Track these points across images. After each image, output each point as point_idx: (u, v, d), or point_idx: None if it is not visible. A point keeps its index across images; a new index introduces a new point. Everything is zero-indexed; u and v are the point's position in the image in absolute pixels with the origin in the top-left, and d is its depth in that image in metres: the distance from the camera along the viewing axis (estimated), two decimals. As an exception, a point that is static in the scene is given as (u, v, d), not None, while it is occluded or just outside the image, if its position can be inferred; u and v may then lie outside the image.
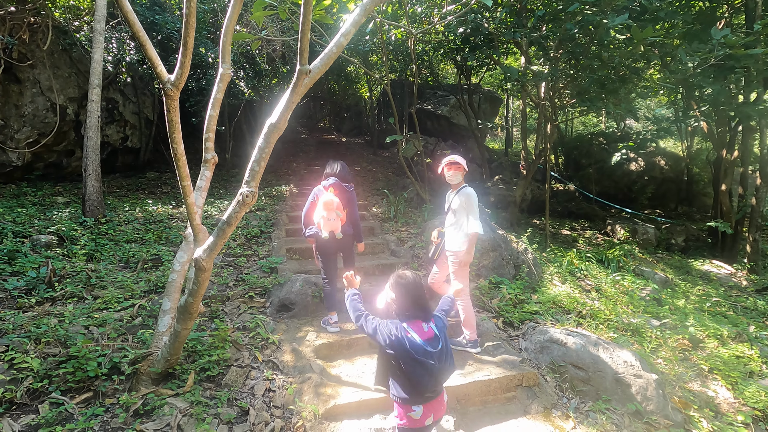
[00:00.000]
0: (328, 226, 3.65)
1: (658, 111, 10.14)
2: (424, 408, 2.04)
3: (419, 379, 1.97)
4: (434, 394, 2.07)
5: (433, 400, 2.08)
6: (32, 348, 2.97)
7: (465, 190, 3.58)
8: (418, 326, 2.04)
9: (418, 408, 2.03)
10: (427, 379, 1.98)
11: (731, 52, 5.27)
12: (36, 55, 6.96)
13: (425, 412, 2.04)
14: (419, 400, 2.03)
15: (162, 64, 2.12)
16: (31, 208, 6.02)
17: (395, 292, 2.11)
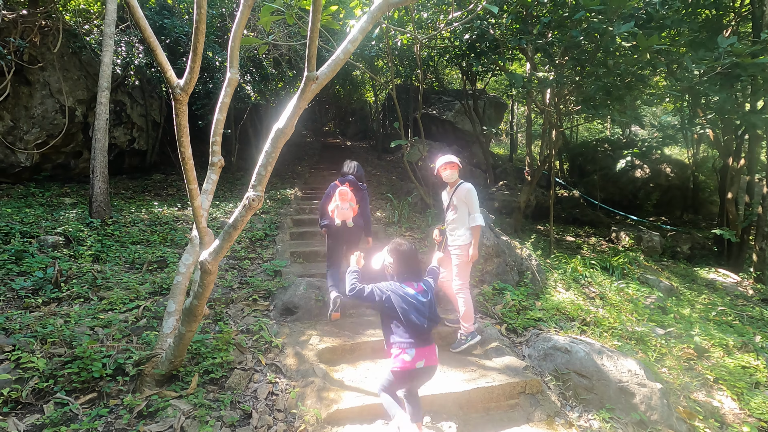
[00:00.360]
0: (341, 215, 3.94)
1: (664, 118, 10.11)
2: (417, 351, 2.31)
3: (414, 322, 2.29)
4: (425, 342, 2.35)
5: (425, 347, 2.34)
6: (38, 348, 2.99)
7: (464, 186, 3.73)
8: (410, 285, 2.40)
9: (411, 351, 2.30)
10: (419, 322, 2.30)
11: (738, 61, 5.26)
12: (46, 57, 7.06)
13: (417, 356, 2.31)
14: (413, 344, 2.31)
15: (171, 68, 2.15)
16: (38, 209, 6.08)
17: (392, 257, 2.44)
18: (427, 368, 2.36)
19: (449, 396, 2.94)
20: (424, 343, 2.34)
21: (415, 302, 2.33)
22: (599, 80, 6.14)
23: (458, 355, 3.62)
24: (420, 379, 2.42)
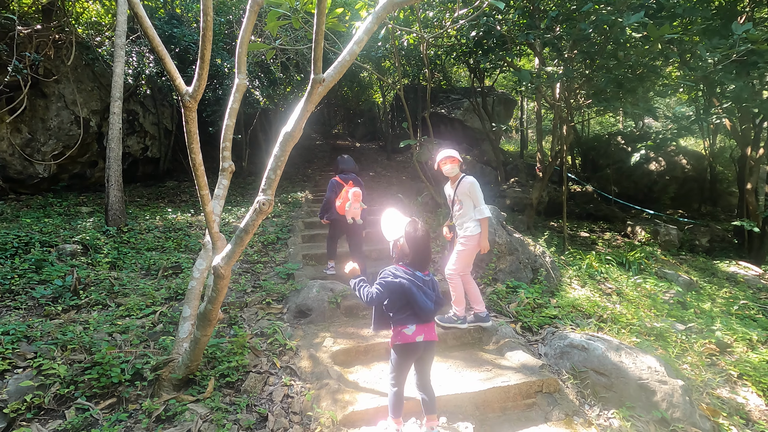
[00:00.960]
0: (353, 213, 4.45)
1: (678, 109, 9.90)
2: (417, 327, 2.40)
3: (421, 303, 2.35)
4: (427, 319, 2.44)
5: (426, 324, 2.44)
6: (59, 354, 3.05)
7: (466, 179, 3.80)
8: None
9: (412, 326, 2.40)
10: (425, 304, 2.36)
11: (754, 47, 5.12)
12: (60, 70, 7.22)
13: (417, 331, 2.40)
14: (415, 321, 2.40)
15: (180, 76, 2.18)
16: (56, 218, 6.22)
17: (406, 239, 2.45)
18: (426, 342, 2.45)
19: (465, 396, 2.92)
20: (425, 321, 2.44)
21: (424, 286, 2.41)
22: (610, 73, 6.03)
23: (473, 354, 3.59)
24: (422, 356, 2.49)
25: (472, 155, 11.92)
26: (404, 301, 2.39)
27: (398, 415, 2.56)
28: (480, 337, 3.85)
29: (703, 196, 11.11)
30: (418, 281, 2.40)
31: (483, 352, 3.62)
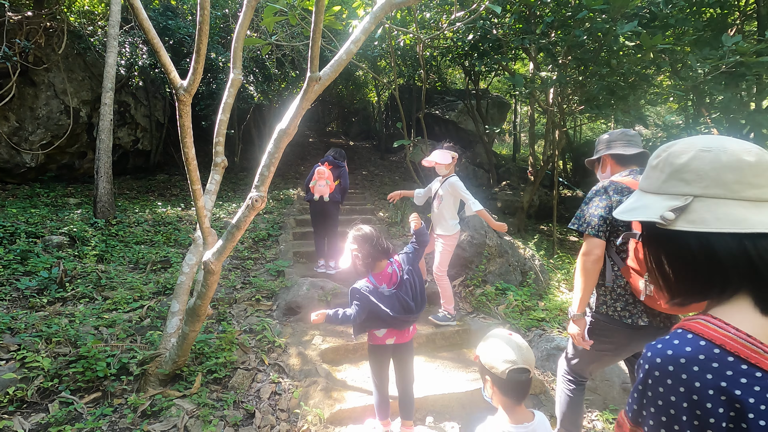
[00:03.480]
0: (318, 191, 4.85)
1: (668, 118, 10.06)
2: (387, 331, 2.37)
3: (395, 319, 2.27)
4: (407, 324, 2.38)
5: (399, 330, 2.38)
6: (43, 347, 3.01)
7: (450, 180, 3.88)
8: (384, 274, 2.33)
9: (383, 329, 2.37)
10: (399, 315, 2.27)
11: (742, 60, 5.23)
12: (51, 58, 7.10)
13: (387, 334, 2.38)
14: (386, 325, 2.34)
15: (175, 69, 2.16)
16: (43, 209, 6.12)
17: (356, 244, 2.32)
18: (397, 345, 2.43)
19: (452, 396, 2.94)
20: (405, 326, 2.37)
21: (394, 299, 2.28)
22: (603, 80, 6.11)
23: (461, 355, 3.62)
24: (399, 358, 2.48)
25: (465, 157, 11.98)
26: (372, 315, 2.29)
27: (385, 416, 2.55)
28: (468, 338, 3.88)
29: (690, 204, 11.29)
30: (386, 298, 2.26)
31: (471, 353, 3.65)
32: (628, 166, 2.08)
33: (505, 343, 1.51)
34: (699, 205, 0.72)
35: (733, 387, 0.63)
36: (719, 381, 0.63)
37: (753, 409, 0.61)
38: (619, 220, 1.84)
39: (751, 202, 0.70)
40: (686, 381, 0.65)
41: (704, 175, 0.73)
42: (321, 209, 5.00)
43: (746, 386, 0.62)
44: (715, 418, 0.63)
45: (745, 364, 0.63)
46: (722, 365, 0.64)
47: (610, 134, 2.21)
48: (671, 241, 0.76)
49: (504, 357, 1.48)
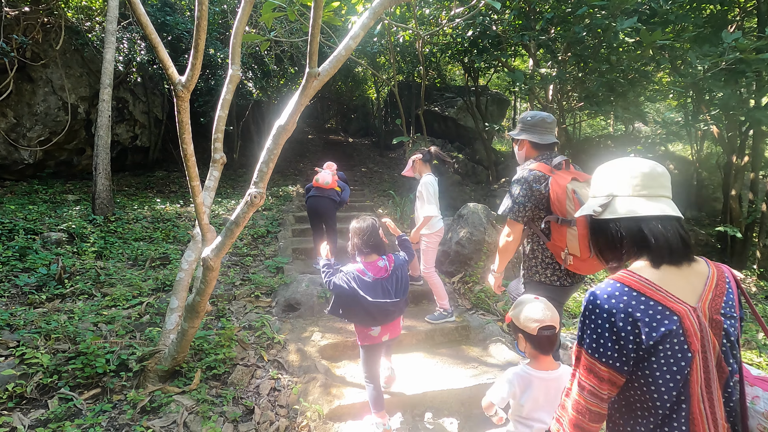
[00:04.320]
0: (322, 177, 4.92)
1: (668, 114, 10.05)
2: (382, 328, 2.47)
3: (377, 307, 2.36)
4: (389, 319, 2.46)
5: (389, 324, 2.48)
6: (42, 344, 3.01)
7: (422, 180, 3.99)
8: (374, 265, 2.42)
9: (377, 328, 2.46)
10: (377, 312, 2.37)
11: (742, 56, 5.22)
12: (49, 54, 7.06)
13: (382, 332, 2.48)
14: (375, 323, 2.43)
15: (173, 65, 2.15)
16: (42, 206, 6.11)
17: (353, 233, 2.47)
18: (392, 340, 2.62)
19: (451, 392, 2.95)
20: (389, 320, 2.47)
21: (375, 293, 2.36)
22: (602, 76, 6.10)
23: (460, 351, 3.63)
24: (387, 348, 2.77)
25: (464, 154, 11.97)
26: (355, 305, 2.36)
27: (380, 408, 2.59)
28: (467, 335, 3.89)
29: (689, 200, 11.31)
30: (370, 287, 2.36)
31: (470, 350, 3.66)
32: (540, 152, 2.41)
33: (534, 306, 1.82)
34: (615, 202, 1.14)
35: (634, 310, 1.01)
36: (627, 308, 1.02)
37: (641, 320, 1.01)
38: (540, 206, 2.26)
39: (646, 198, 1.11)
40: (607, 309, 1.03)
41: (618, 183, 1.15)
42: (318, 208, 5.00)
43: (639, 308, 1.02)
44: (624, 332, 1.01)
45: (642, 296, 1.03)
46: (629, 297, 1.03)
47: (532, 118, 2.43)
48: (600, 226, 1.18)
49: (534, 317, 1.77)
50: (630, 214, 1.10)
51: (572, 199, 2.12)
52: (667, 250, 1.07)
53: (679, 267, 1.08)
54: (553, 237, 2.24)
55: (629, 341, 1.01)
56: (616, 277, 1.08)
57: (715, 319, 1.05)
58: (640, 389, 1.04)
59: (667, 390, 1.01)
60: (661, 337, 1.00)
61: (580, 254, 2.12)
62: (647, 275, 1.06)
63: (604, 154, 11.47)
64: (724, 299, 1.09)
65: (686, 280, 1.08)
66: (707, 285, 1.09)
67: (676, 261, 1.08)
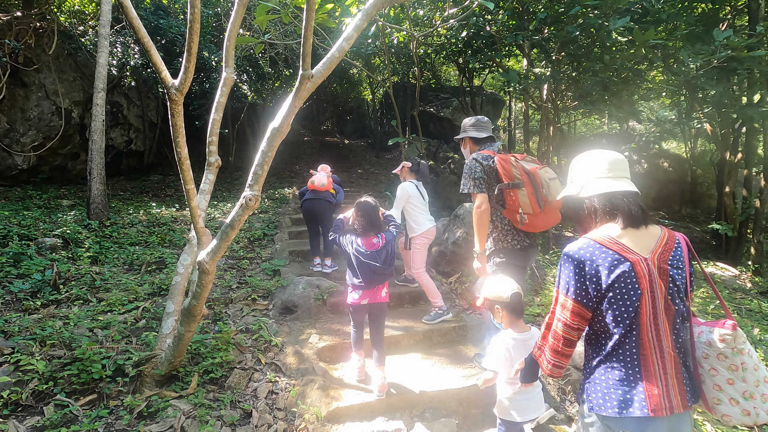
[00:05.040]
0: (318, 179, 4.96)
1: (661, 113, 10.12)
2: (363, 293, 2.91)
3: (364, 273, 2.85)
4: (371, 285, 2.89)
5: (370, 290, 2.90)
6: (37, 350, 2.99)
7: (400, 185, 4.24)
8: (368, 240, 2.89)
9: (359, 291, 2.91)
10: (370, 275, 2.85)
11: (734, 54, 5.26)
12: (41, 59, 7.03)
13: (362, 296, 2.91)
14: (360, 287, 2.89)
15: (166, 68, 2.15)
16: (36, 211, 6.07)
17: (355, 212, 2.95)
18: (372, 305, 2.94)
19: (449, 392, 2.95)
20: (370, 286, 2.89)
21: (365, 258, 2.84)
22: (596, 76, 6.14)
23: (458, 352, 3.63)
24: (373, 315, 3.00)
25: (459, 154, 12.00)
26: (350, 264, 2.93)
27: (359, 348, 3.08)
28: (465, 335, 3.89)
29: (684, 198, 11.38)
30: (362, 255, 2.85)
31: (467, 350, 3.66)
32: (480, 145, 2.94)
33: (499, 280, 2.18)
34: (589, 184, 1.50)
35: (596, 258, 1.36)
36: (591, 256, 1.37)
37: (601, 265, 1.36)
38: (492, 178, 2.70)
39: (612, 179, 1.47)
40: (577, 258, 1.39)
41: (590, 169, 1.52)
42: (315, 210, 5.02)
43: (600, 257, 1.36)
44: (588, 275, 1.37)
45: (604, 248, 1.37)
46: (593, 249, 1.38)
47: (470, 120, 3.03)
48: (578, 203, 1.54)
49: (504, 287, 2.11)
50: (601, 191, 1.46)
51: (516, 166, 2.61)
52: (629, 216, 1.42)
53: (638, 229, 1.43)
54: (507, 204, 2.66)
55: (592, 281, 1.36)
56: (587, 235, 1.44)
57: (663, 268, 1.38)
58: (603, 320, 1.38)
59: (622, 319, 1.34)
60: (616, 277, 1.34)
61: (532, 210, 2.58)
62: (611, 234, 1.41)
63: (599, 152, 11.51)
64: (672, 254, 1.41)
65: (642, 239, 1.42)
66: (658, 242, 1.42)
67: (636, 224, 1.42)
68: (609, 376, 1.38)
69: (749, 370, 1.33)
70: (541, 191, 2.58)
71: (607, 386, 1.37)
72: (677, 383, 1.34)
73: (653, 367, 1.33)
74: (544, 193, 2.59)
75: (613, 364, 1.37)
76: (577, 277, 1.38)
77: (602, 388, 1.38)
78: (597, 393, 1.40)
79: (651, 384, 1.32)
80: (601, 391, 1.38)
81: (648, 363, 1.33)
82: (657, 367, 1.33)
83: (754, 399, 1.32)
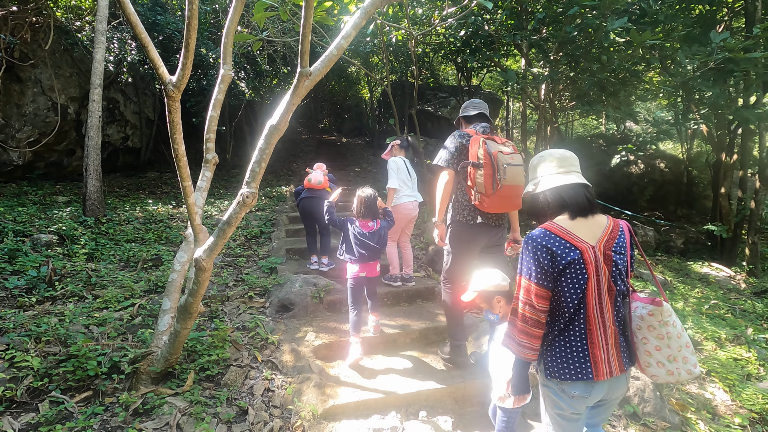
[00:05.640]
0: (314, 177, 5.01)
1: (658, 113, 10.16)
2: (360, 266, 3.32)
3: (358, 250, 3.30)
4: (369, 260, 3.32)
5: (366, 264, 3.32)
6: (32, 347, 2.98)
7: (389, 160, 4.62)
8: (365, 223, 3.34)
9: (356, 265, 3.32)
10: (365, 251, 3.29)
11: (730, 56, 5.29)
12: (37, 54, 6.98)
13: (360, 269, 3.32)
14: (357, 261, 3.31)
15: (164, 65, 2.14)
16: (31, 207, 6.04)
17: (358, 199, 3.37)
18: (368, 278, 3.36)
19: (445, 390, 2.97)
20: (366, 261, 3.31)
21: (362, 237, 3.28)
22: (593, 76, 6.15)
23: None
24: (368, 286, 3.43)
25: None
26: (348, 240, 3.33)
27: (357, 331, 3.31)
28: (461, 333, 3.90)
29: (680, 198, 11.42)
30: (359, 234, 3.29)
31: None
32: (472, 123, 3.21)
33: (489, 273, 2.25)
34: (542, 180, 1.73)
35: (551, 245, 1.59)
36: (547, 244, 1.59)
37: (555, 252, 1.58)
38: (463, 155, 2.95)
39: (561, 174, 1.68)
40: (535, 245, 1.61)
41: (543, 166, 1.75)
42: (312, 209, 5.02)
43: (555, 244, 1.59)
44: (544, 260, 1.59)
45: (557, 236, 1.60)
46: (549, 237, 1.61)
47: (463, 104, 3.33)
48: (535, 197, 1.76)
49: (500, 278, 2.19)
50: (551, 186, 1.69)
51: (481, 147, 2.82)
52: (577, 207, 1.65)
53: (586, 218, 1.65)
54: (468, 179, 2.89)
55: (548, 266, 1.59)
56: (543, 225, 1.67)
57: (607, 254, 1.61)
58: (557, 300, 1.62)
59: (571, 299, 1.59)
60: (568, 263, 1.58)
61: (485, 191, 2.79)
62: (563, 224, 1.64)
63: (597, 153, 11.56)
64: (616, 241, 1.64)
65: (590, 228, 1.64)
66: (604, 231, 1.65)
67: (584, 214, 1.65)
68: (562, 348, 1.63)
69: (673, 338, 1.61)
70: (496, 175, 2.74)
71: (561, 356, 1.63)
72: (616, 351, 1.64)
73: (597, 339, 1.61)
74: (498, 177, 2.73)
75: (565, 337, 1.63)
76: (536, 262, 1.60)
77: (557, 358, 1.64)
78: (553, 362, 1.65)
79: (596, 354, 1.61)
80: (556, 361, 1.64)
81: (593, 336, 1.61)
82: (600, 339, 1.61)
83: (677, 361, 1.62)
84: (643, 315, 1.63)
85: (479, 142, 2.83)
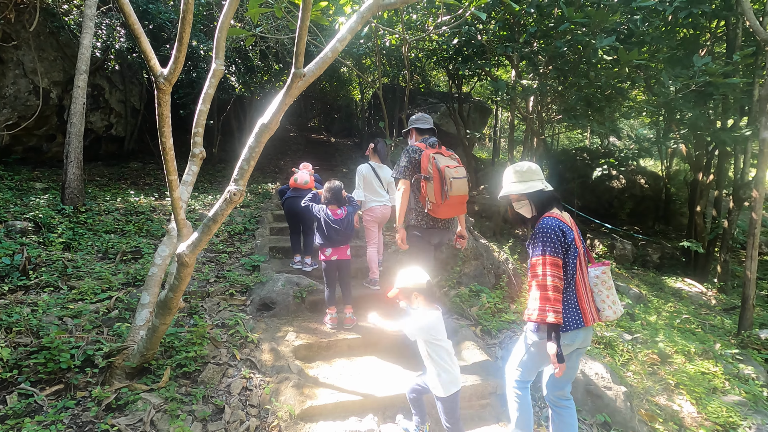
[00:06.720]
0: (300, 177, 5.05)
1: (641, 131, 10.44)
2: (332, 250, 3.69)
3: (330, 235, 3.67)
4: (338, 245, 3.70)
5: (338, 248, 3.70)
6: (2, 337, 2.89)
7: None
8: (334, 211, 3.70)
9: (329, 249, 3.69)
10: (334, 235, 3.66)
11: (711, 80, 5.49)
12: (21, 36, 6.78)
13: (332, 253, 3.69)
14: (328, 245, 3.69)
15: (155, 56, 2.12)
16: (7, 193, 5.85)
17: (326, 189, 3.74)
18: (340, 261, 3.72)
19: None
20: (337, 245, 3.69)
21: (333, 222, 3.64)
22: (581, 91, 6.30)
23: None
24: (340, 269, 3.76)
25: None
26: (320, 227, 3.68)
27: (332, 305, 3.75)
28: (441, 338, 3.93)
29: (658, 214, 11.75)
30: (330, 220, 3.63)
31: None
32: (422, 135, 3.60)
33: (413, 271, 2.51)
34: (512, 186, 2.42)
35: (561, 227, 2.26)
36: (558, 226, 2.25)
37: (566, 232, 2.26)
38: (416, 169, 3.32)
39: (523, 182, 2.38)
40: (549, 228, 2.23)
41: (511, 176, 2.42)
42: (297, 208, 4.95)
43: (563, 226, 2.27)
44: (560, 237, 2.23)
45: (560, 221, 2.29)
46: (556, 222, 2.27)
47: (415, 115, 3.68)
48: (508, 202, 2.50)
49: (420, 276, 2.47)
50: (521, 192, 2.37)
51: (431, 163, 3.18)
52: (549, 204, 2.34)
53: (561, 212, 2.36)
54: (421, 191, 3.28)
55: (562, 241, 2.21)
56: (546, 213, 2.30)
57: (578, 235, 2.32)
58: (565, 270, 2.23)
59: (571, 268, 2.24)
60: (572, 239, 2.25)
61: (435, 201, 3.18)
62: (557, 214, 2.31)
63: (581, 166, 11.80)
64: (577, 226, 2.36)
65: (566, 218, 2.35)
66: (572, 220, 2.37)
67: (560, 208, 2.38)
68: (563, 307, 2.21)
69: (612, 288, 2.39)
70: (444, 187, 3.13)
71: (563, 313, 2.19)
72: (593, 304, 2.35)
73: (582, 296, 2.28)
74: (446, 190, 3.13)
75: (564, 298, 2.23)
76: (552, 240, 2.19)
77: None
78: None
79: (583, 307, 2.26)
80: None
81: (580, 294, 2.26)
82: (584, 296, 2.29)
83: (616, 304, 2.37)
84: (598, 275, 2.38)
85: (429, 157, 3.21)
